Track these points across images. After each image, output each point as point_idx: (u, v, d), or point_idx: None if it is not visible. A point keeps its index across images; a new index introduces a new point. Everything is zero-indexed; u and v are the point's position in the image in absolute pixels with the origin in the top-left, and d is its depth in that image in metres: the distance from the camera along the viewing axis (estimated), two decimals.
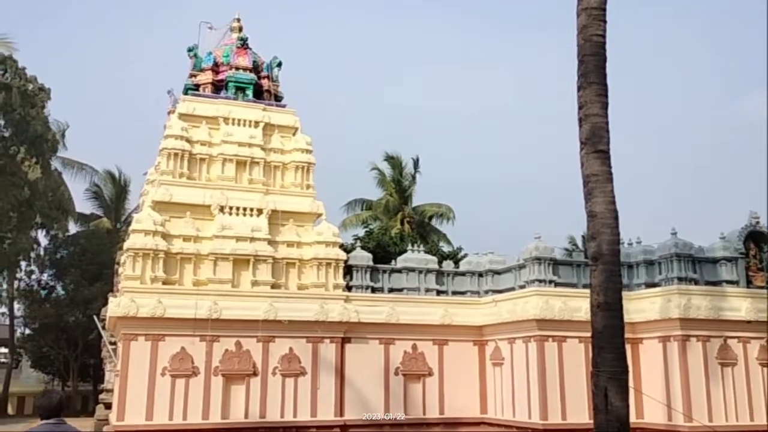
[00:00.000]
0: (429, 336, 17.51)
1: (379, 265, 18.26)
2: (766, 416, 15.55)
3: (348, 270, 17.69)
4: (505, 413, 16.90)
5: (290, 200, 17.57)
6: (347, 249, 20.28)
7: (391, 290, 17.94)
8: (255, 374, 15.90)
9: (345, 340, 16.81)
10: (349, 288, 17.47)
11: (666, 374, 15.60)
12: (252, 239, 16.66)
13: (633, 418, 15.59)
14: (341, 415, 16.35)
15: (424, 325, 17.41)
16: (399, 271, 18.18)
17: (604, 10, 8.49)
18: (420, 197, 33.83)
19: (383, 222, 31.86)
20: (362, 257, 18.01)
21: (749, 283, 16.44)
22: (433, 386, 17.36)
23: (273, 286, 16.67)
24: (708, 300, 15.63)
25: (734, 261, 16.42)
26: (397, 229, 30.34)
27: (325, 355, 16.43)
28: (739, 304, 15.97)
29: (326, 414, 16.18)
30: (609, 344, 7.93)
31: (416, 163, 33.06)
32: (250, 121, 18.02)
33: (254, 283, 16.49)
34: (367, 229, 31.16)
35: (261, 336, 15.99)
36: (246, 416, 15.61)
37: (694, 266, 16.34)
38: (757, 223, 16.75)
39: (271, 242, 16.95)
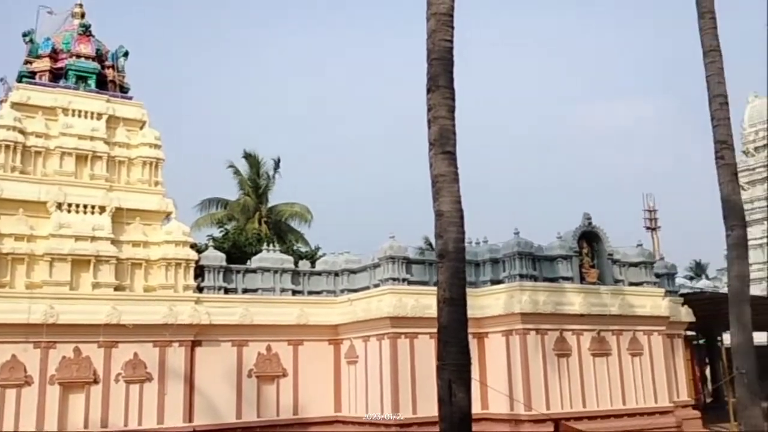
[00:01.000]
0: (284, 336, 17.34)
1: (232, 266, 17.82)
2: (596, 401, 16.83)
3: (200, 271, 17.12)
4: (358, 410, 17.08)
5: (136, 197, 16.74)
6: (201, 249, 19.63)
7: (245, 291, 17.58)
8: (96, 382, 15.00)
9: (195, 344, 16.25)
10: (200, 289, 16.92)
11: (509, 366, 16.46)
12: (93, 238, 15.70)
13: (478, 409, 16.47)
14: (190, 420, 15.78)
15: (280, 325, 17.22)
16: (253, 271, 17.85)
17: (452, 16, 8.81)
18: (279, 197, 33.44)
19: (240, 222, 31.14)
20: (215, 257, 17.51)
21: (582, 279, 17.73)
22: (287, 387, 17.20)
23: (117, 288, 15.80)
24: (546, 295, 16.68)
25: (569, 259, 17.64)
26: (254, 230, 29.77)
27: (174, 359, 15.79)
28: (574, 299, 17.18)
29: (174, 420, 15.55)
30: (454, 338, 8.22)
31: (277, 163, 32.61)
32: (93, 113, 16.97)
33: (95, 285, 15.55)
34: (222, 229, 30.35)
35: (102, 341, 15.08)
36: (86, 426, 14.67)
37: (534, 264, 17.37)
38: (590, 223, 18.09)
39: (114, 242, 16.04)
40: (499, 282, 17.45)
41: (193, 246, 17.37)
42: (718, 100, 12.72)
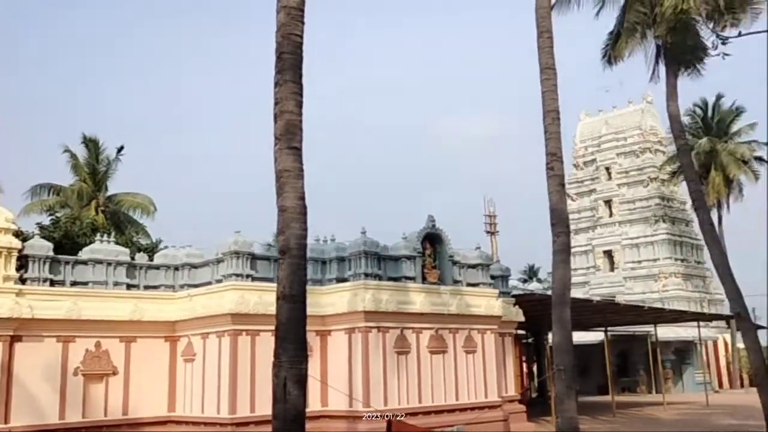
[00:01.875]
0: (116, 333, 16.41)
1: (60, 256, 16.60)
2: (431, 397, 17.45)
3: (23, 261, 15.78)
4: (194, 410, 16.54)
5: None
6: (28, 238, 18.12)
7: (74, 284, 16.44)
8: None
9: (15, 339, 14.97)
10: (23, 281, 15.60)
11: (350, 363, 16.65)
12: None
13: (318, 406, 16.53)
14: (6, 422, 14.52)
15: (111, 321, 16.27)
16: (84, 263, 16.73)
17: (302, 10, 8.74)
18: (122, 187, 31.64)
19: (74, 210, 29.09)
20: (40, 246, 16.21)
21: (424, 279, 18.32)
22: (117, 386, 16.29)
23: None
24: (389, 294, 17.06)
25: (413, 259, 18.16)
26: (89, 219, 27.93)
27: None
28: (416, 298, 17.71)
29: None
30: (291, 335, 8.16)
31: (119, 150, 30.80)
32: None
33: None
34: (53, 218, 28.19)
35: None
36: None
37: (379, 263, 17.70)
38: (433, 225, 18.75)
39: None
40: (344, 280, 17.60)
41: (17, 234, 15.98)
42: (551, 115, 13.60)
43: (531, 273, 59.66)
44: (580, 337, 32.54)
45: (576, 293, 39.59)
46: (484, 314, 19.12)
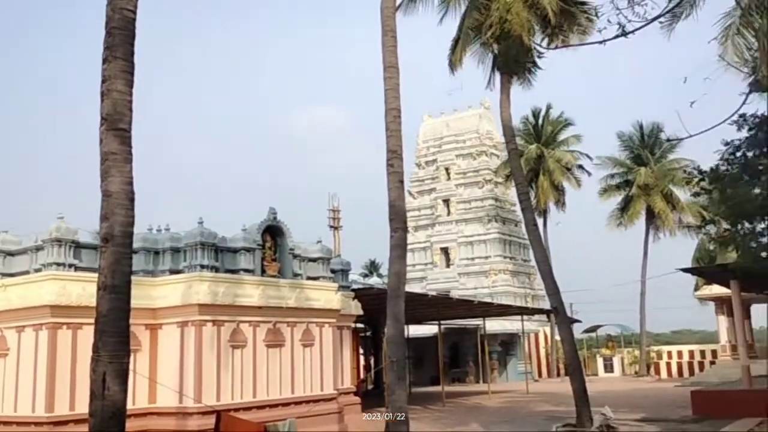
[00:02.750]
0: None
1: None
2: (266, 391, 17.28)
3: None
4: (5, 409, 15.19)
5: None
6: None
7: None
8: None
9: None
10: None
11: (182, 358, 16.08)
12: None
13: (146, 403, 15.82)
14: None
15: None
16: None
17: None
18: None
19: None
20: None
21: (263, 272, 18.07)
22: None
23: None
24: (226, 287, 16.65)
25: (252, 251, 17.84)
26: None
27: None
28: (253, 291, 17.42)
29: None
30: (113, 328, 7.69)
31: None
32: None
33: None
34: None
35: None
36: None
37: (217, 255, 17.21)
38: (275, 218, 18.54)
39: None
40: (179, 272, 16.93)
41: None
42: (392, 113, 13.92)
43: (372, 268, 60.98)
44: (415, 330, 33.83)
45: (414, 288, 41.13)
46: (323, 308, 19.23)
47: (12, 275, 16.21)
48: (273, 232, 18.59)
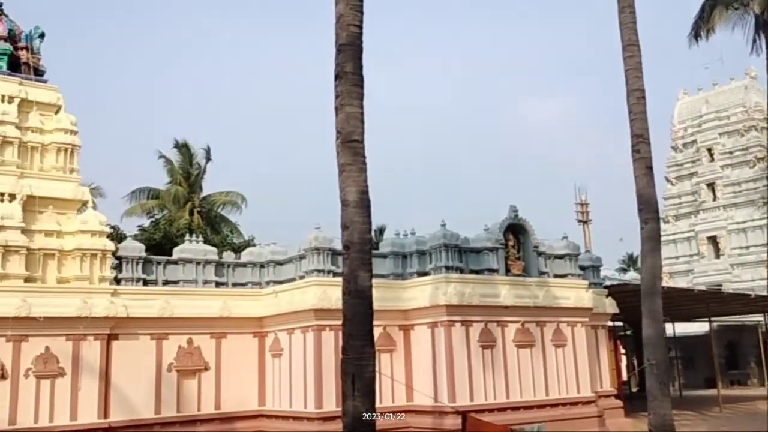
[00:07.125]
0: (206, 329, 16.92)
1: (152, 257, 17.29)
2: (519, 392, 16.97)
3: (118, 262, 16.53)
4: (282, 404, 16.82)
5: (50, 185, 16.04)
6: (123, 238, 18.99)
7: (166, 283, 17.08)
8: (3, 377, 14.33)
9: (112, 337, 15.69)
10: (118, 281, 16.34)
11: (434, 358, 16.44)
12: (1, 227, 14.94)
13: (404, 401, 16.46)
14: (106, 417, 15.25)
15: (202, 318, 16.78)
16: (175, 262, 17.35)
17: (362, 0, 8.60)
18: (216, 186, 32.83)
19: (171, 212, 30.39)
20: (133, 248, 16.93)
21: (508, 271, 17.82)
22: (209, 381, 16.80)
23: (27, 280, 15.12)
24: (472, 287, 16.70)
25: (495, 251, 17.70)
26: (185, 220, 29.07)
27: (88, 353, 15.22)
28: (499, 291, 17.26)
29: (88, 417, 15.00)
30: (358, 331, 8.05)
31: (207, 151, 31.93)
32: (4, 96, 16.17)
33: (4, 277, 14.83)
34: (152, 220, 29.51)
35: (11, 335, 14.41)
36: None
37: (460, 256, 17.36)
38: (516, 216, 18.20)
39: (25, 231, 15.32)
40: (425, 274, 17.39)
41: (114, 236, 16.74)
42: (635, 95, 12.85)
43: (630, 262, 57.29)
44: (684, 328, 31.02)
45: (679, 282, 37.79)
46: (574, 306, 18.42)
47: (281, 282, 17.94)
48: (515, 230, 18.27)
